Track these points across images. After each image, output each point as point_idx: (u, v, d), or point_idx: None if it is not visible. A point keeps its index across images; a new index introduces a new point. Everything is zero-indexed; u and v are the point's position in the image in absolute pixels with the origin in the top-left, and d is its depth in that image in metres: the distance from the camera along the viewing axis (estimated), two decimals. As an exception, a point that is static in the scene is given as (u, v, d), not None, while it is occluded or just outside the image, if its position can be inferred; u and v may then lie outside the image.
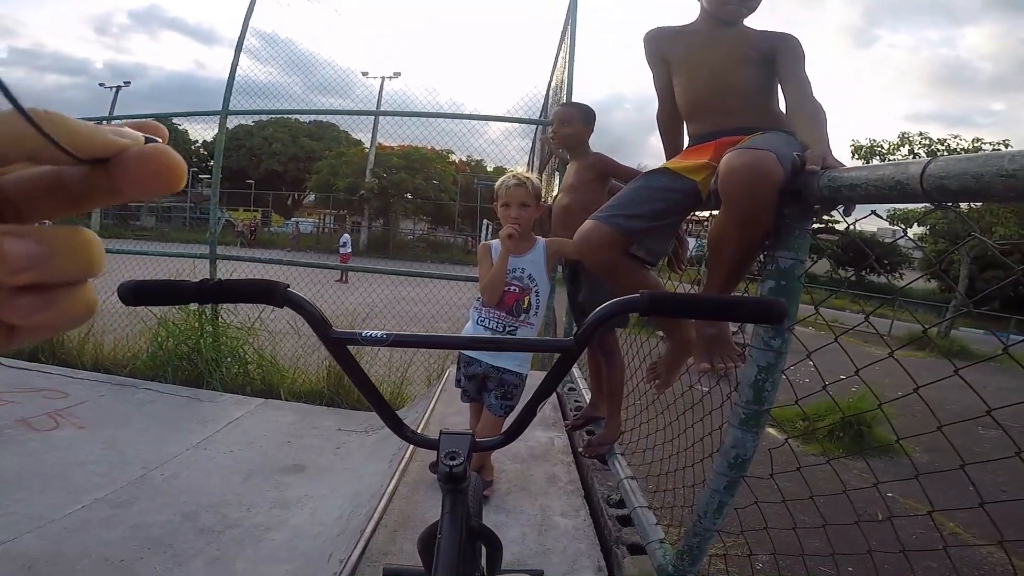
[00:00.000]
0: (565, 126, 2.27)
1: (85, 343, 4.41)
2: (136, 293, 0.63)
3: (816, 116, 1.35)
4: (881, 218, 1.04)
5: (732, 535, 1.65)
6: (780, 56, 1.49)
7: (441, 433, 0.74)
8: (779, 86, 1.53)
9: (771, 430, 3.26)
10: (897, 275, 24.67)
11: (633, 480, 2.02)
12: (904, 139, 17.78)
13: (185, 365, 3.97)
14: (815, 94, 1.42)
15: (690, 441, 1.73)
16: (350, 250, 15.35)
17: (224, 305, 4.28)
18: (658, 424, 2.08)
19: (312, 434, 3.05)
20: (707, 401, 1.60)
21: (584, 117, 2.29)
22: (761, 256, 1.32)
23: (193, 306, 4.19)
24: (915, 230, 15.57)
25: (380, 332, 0.66)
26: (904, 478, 1.17)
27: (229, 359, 4.08)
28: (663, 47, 1.73)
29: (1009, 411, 0.91)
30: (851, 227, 1.13)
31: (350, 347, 0.68)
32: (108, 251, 3.96)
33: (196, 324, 4.16)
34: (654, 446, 2.12)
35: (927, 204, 0.86)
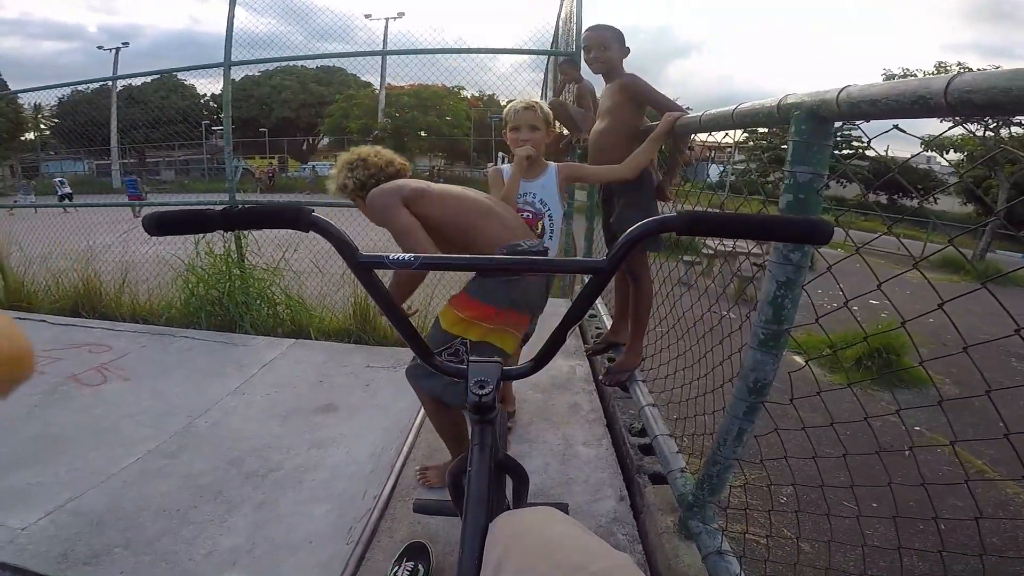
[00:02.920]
0: (605, 50, 2.18)
1: (121, 294, 4.57)
2: (160, 224, 0.65)
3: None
4: (904, 132, 0.98)
5: (753, 464, 1.66)
6: None
7: (469, 361, 0.73)
8: None
9: (796, 357, 3.20)
10: (931, 199, 23.68)
11: (654, 408, 2.03)
12: (941, 68, 17.14)
13: (217, 310, 4.09)
14: None
15: (711, 365, 1.68)
16: None
17: (249, 247, 4.34)
18: (679, 349, 2.06)
19: (342, 372, 3.16)
20: (727, 325, 1.55)
21: (619, 39, 2.20)
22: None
23: (219, 249, 4.28)
24: (952, 156, 15.12)
25: (407, 255, 0.65)
26: (928, 405, 1.12)
27: (258, 301, 4.17)
28: None
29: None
30: (884, 152, 1.05)
31: (377, 272, 0.68)
32: (131, 205, 4.02)
33: (224, 268, 4.24)
34: (675, 372, 2.11)
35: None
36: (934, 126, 0.90)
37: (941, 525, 1.76)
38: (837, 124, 1.09)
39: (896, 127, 0.99)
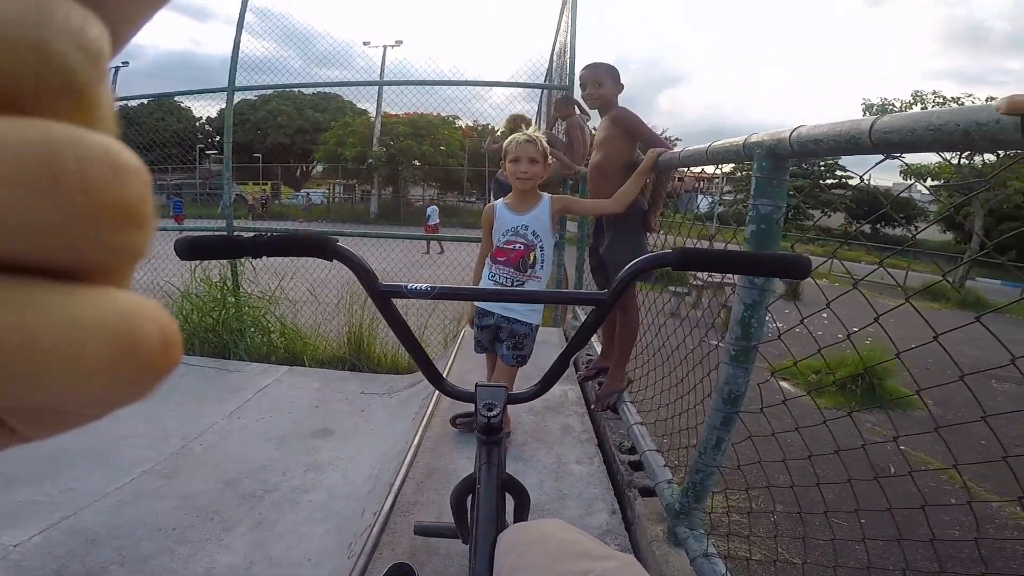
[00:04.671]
0: (600, 87, 2.34)
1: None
2: (192, 248, 0.66)
3: None
4: (845, 169, 1.11)
5: (730, 469, 1.72)
6: None
7: (477, 386, 0.76)
8: None
9: (784, 383, 3.31)
10: (913, 227, 24.47)
11: (642, 426, 2.11)
12: (917, 97, 18.06)
13: (211, 337, 4.12)
14: None
15: (693, 384, 1.77)
16: (437, 221, 14.75)
17: (245, 275, 4.40)
18: (664, 371, 2.16)
19: (337, 398, 3.20)
20: (707, 347, 1.66)
21: (613, 76, 2.36)
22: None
23: (216, 277, 4.33)
24: (931, 183, 15.87)
25: (424, 285, 0.68)
26: (922, 432, 1.10)
27: (252, 329, 4.22)
28: None
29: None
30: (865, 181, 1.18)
31: (395, 300, 0.70)
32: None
33: (219, 295, 4.29)
34: (662, 391, 2.20)
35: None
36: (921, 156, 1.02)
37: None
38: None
39: (835, 163, 1.14)
